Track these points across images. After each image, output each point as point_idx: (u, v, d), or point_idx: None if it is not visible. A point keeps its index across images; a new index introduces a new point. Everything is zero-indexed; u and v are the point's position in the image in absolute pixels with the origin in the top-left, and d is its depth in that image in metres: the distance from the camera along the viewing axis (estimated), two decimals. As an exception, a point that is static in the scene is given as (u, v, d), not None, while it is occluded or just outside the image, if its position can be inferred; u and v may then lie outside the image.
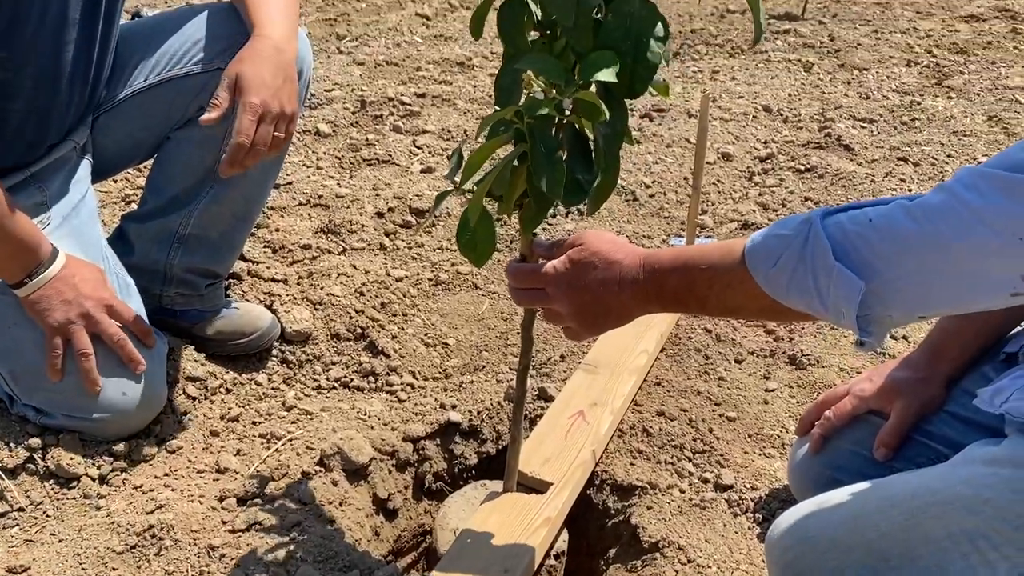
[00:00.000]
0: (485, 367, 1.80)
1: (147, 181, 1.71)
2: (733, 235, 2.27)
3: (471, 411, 1.68)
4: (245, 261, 1.96)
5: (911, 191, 2.45)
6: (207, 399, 1.61)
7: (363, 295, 1.93)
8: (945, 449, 1.17)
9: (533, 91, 0.96)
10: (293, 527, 1.35)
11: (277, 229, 2.14)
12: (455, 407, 1.68)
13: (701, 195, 1.89)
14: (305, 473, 1.47)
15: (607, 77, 0.93)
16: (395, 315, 1.91)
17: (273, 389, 1.71)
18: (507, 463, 1.37)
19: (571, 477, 1.44)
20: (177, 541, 1.29)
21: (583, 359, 1.74)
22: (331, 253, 2.09)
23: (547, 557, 1.37)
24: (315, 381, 1.74)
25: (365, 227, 2.20)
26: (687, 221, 1.93)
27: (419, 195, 2.35)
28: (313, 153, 2.61)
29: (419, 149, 2.68)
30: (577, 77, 0.95)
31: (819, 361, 1.76)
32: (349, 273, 1.99)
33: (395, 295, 1.96)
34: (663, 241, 2.24)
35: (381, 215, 2.27)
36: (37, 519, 1.34)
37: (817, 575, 0.99)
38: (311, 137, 2.71)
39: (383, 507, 1.56)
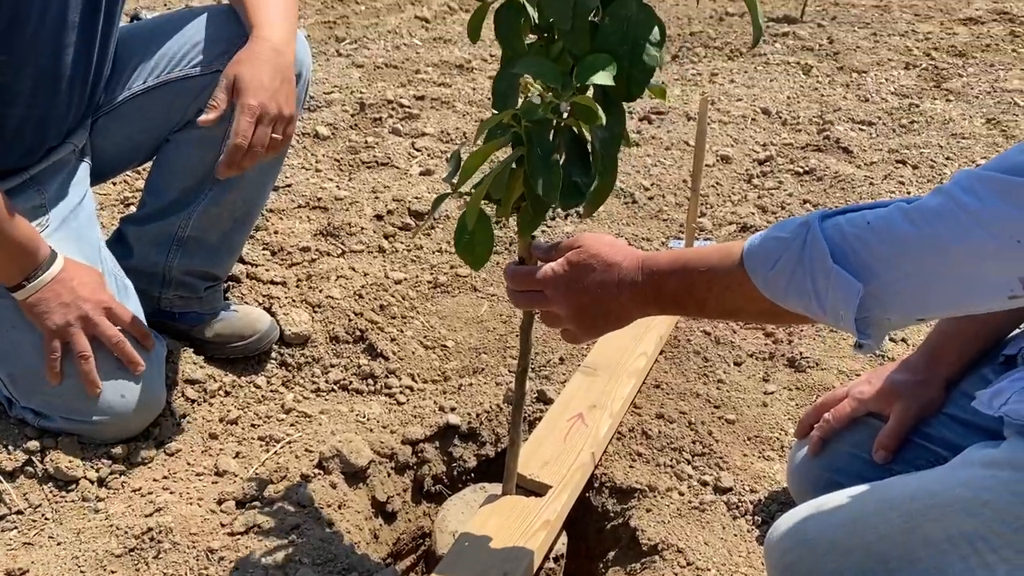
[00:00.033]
0: (484, 370, 1.80)
1: (146, 183, 1.71)
2: (732, 237, 2.27)
3: (470, 414, 1.68)
4: (244, 263, 1.96)
5: (910, 193, 2.45)
6: (206, 402, 1.61)
7: (362, 297, 1.93)
8: (944, 451, 1.17)
9: (530, 95, 0.96)
10: (292, 530, 1.35)
11: (276, 231, 2.14)
12: (454, 410, 1.68)
13: (700, 197, 1.90)
14: (304, 476, 1.47)
15: (604, 80, 0.93)
16: (394, 317, 1.91)
17: (272, 392, 1.71)
18: (506, 466, 1.37)
19: (570, 480, 1.43)
20: (176, 544, 1.29)
21: (582, 362, 1.74)
22: (330, 255, 2.09)
23: (546, 560, 1.37)
24: (314, 384, 1.74)
25: (364, 229, 2.20)
26: (686, 223, 1.93)
27: (418, 197, 2.35)
28: (312, 155, 2.62)
29: (418, 151, 2.68)
30: (574, 80, 0.95)
31: (818, 364, 1.76)
32: (348, 275, 1.99)
33: (394, 297, 1.96)
34: (662, 243, 2.24)
35: (380, 217, 2.27)
36: (35, 522, 1.34)
37: (816, 578, 0.99)
38: (310, 139, 2.72)
39: (382, 510, 1.56)
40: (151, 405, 1.48)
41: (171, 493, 1.40)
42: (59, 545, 1.29)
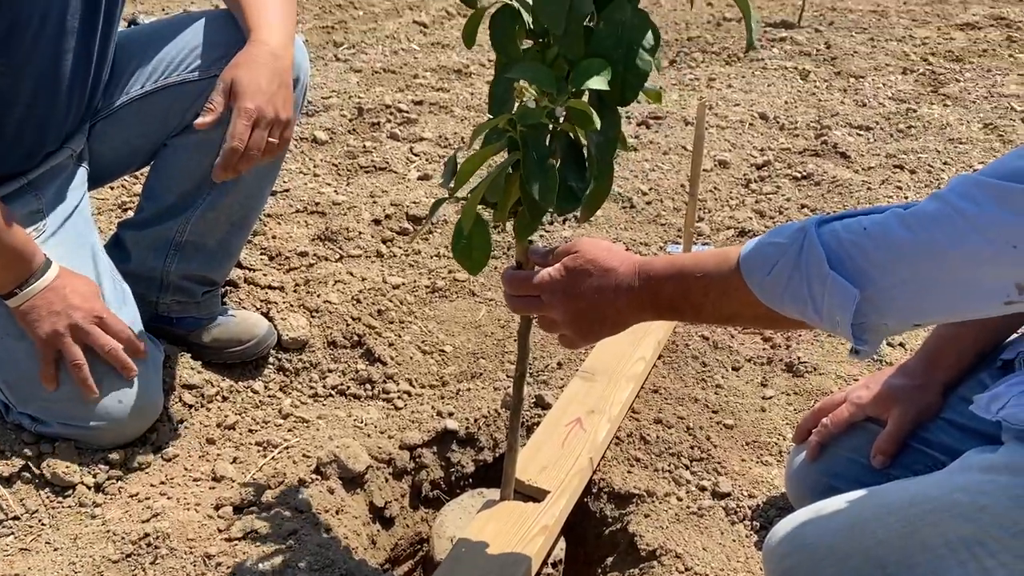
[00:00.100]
0: (482, 374, 1.80)
1: (144, 188, 1.71)
2: (730, 242, 2.27)
3: (468, 419, 1.68)
4: (242, 268, 1.96)
5: (907, 198, 2.46)
6: (203, 407, 1.61)
7: (360, 302, 1.92)
8: (942, 456, 1.17)
9: (525, 99, 0.96)
10: (289, 535, 1.34)
11: (274, 236, 2.14)
12: (452, 415, 1.68)
13: (698, 202, 1.90)
14: (301, 481, 1.46)
15: (598, 85, 0.94)
16: (392, 322, 1.91)
17: (269, 397, 1.70)
18: (504, 471, 1.37)
19: (568, 485, 1.43)
20: (173, 550, 1.29)
21: (580, 366, 1.74)
22: (328, 260, 2.09)
23: (544, 565, 1.37)
24: (312, 389, 1.74)
25: (362, 234, 2.20)
26: (684, 228, 1.93)
27: (416, 202, 2.35)
28: (310, 160, 2.62)
29: (416, 156, 2.68)
30: (569, 85, 0.95)
31: (816, 368, 1.76)
32: (346, 280, 1.99)
33: (392, 302, 1.96)
34: (660, 248, 2.24)
35: (378, 222, 2.27)
36: (32, 528, 1.33)
37: (814, 583, 0.99)
38: (308, 144, 2.72)
39: (380, 515, 1.55)
40: (148, 410, 1.48)
41: (168, 499, 1.39)
42: (56, 551, 1.29)
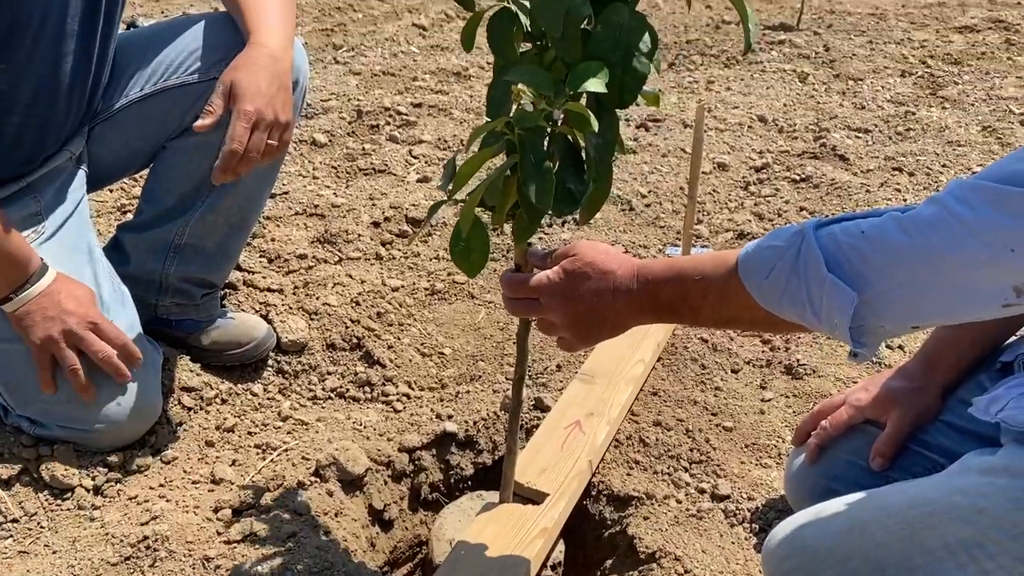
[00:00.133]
0: (481, 377, 1.80)
1: (143, 191, 1.71)
2: (729, 244, 2.27)
3: (467, 421, 1.68)
4: (241, 271, 1.96)
5: (906, 201, 2.46)
6: (202, 409, 1.61)
7: (359, 305, 1.92)
8: (941, 459, 1.17)
9: (523, 102, 0.96)
10: (288, 538, 1.34)
11: (273, 239, 2.14)
12: (451, 417, 1.68)
13: (697, 205, 1.90)
14: (300, 484, 1.46)
15: (596, 87, 0.94)
16: (391, 325, 1.91)
17: (269, 399, 1.70)
18: (503, 473, 1.37)
19: (567, 487, 1.43)
20: (172, 552, 1.29)
21: (579, 369, 1.74)
22: (327, 263, 2.09)
23: (543, 568, 1.37)
24: (311, 391, 1.74)
25: (361, 237, 2.20)
26: (683, 231, 1.93)
27: (415, 205, 2.35)
28: (309, 163, 2.62)
29: (415, 159, 2.69)
30: (567, 88, 0.95)
31: (815, 371, 1.76)
32: (345, 283, 1.99)
33: (391, 305, 1.96)
34: (659, 251, 2.24)
35: (377, 225, 2.27)
36: (31, 530, 1.33)
37: (814, 585, 0.99)
38: (307, 147, 2.72)
39: (379, 518, 1.55)
40: (147, 413, 1.48)
41: (167, 501, 1.39)
42: (55, 554, 1.29)
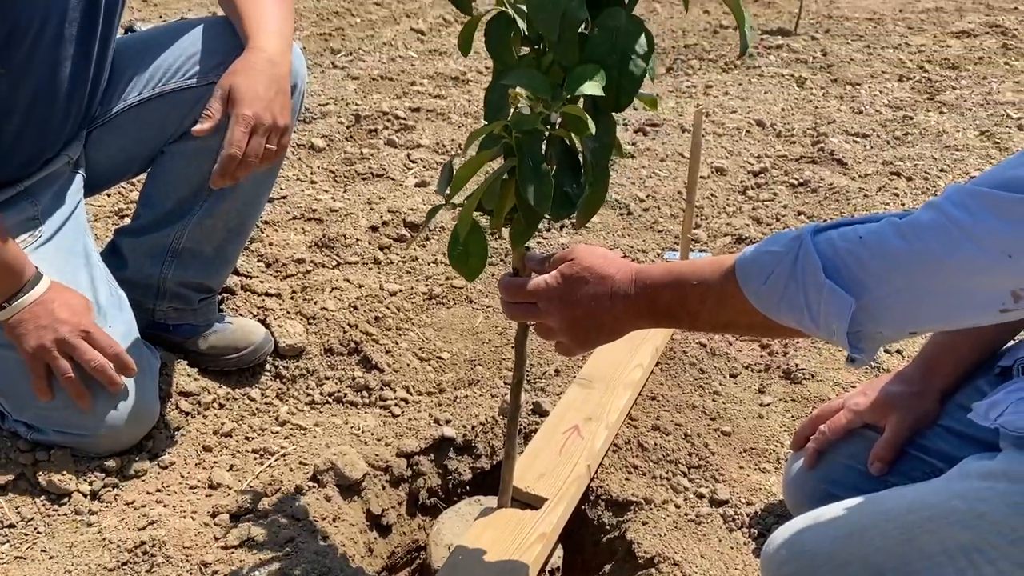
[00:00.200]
0: (479, 381, 1.80)
1: (141, 195, 1.71)
2: (727, 249, 2.27)
3: (465, 426, 1.67)
4: (239, 275, 1.96)
5: (904, 205, 2.46)
6: (200, 414, 1.60)
7: (357, 309, 1.92)
8: (940, 463, 1.17)
9: (520, 106, 0.96)
10: (286, 543, 1.34)
11: (271, 243, 2.13)
12: (449, 422, 1.68)
13: (695, 209, 1.90)
14: (298, 489, 1.46)
15: (593, 91, 0.94)
16: (389, 329, 1.91)
17: (266, 404, 1.70)
18: (501, 478, 1.37)
19: (566, 492, 1.43)
20: (169, 558, 1.28)
21: (578, 373, 1.73)
22: (325, 267, 2.09)
23: (542, 573, 1.37)
24: (308, 396, 1.74)
25: (359, 241, 2.20)
26: (681, 235, 1.93)
27: (413, 209, 2.35)
28: (307, 167, 2.62)
29: (413, 163, 2.68)
30: (564, 91, 0.95)
31: (814, 375, 1.76)
32: (343, 287, 1.99)
33: (389, 309, 1.95)
34: (657, 255, 2.24)
35: (375, 229, 2.27)
36: (28, 536, 1.33)
37: (813, 590, 0.99)
38: (305, 151, 2.72)
39: (377, 523, 1.55)
40: (144, 418, 1.48)
41: (164, 506, 1.39)
42: (51, 559, 1.29)
